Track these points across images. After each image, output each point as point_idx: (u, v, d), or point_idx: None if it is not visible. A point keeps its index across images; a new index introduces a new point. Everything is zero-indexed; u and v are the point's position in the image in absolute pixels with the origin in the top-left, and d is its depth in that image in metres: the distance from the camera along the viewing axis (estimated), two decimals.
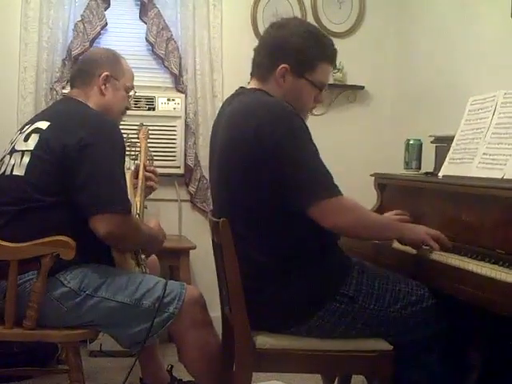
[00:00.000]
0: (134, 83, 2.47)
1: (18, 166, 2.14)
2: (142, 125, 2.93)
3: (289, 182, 1.90)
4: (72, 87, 2.38)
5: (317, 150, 1.94)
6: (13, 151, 2.21)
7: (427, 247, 2.07)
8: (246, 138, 1.93)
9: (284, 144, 1.90)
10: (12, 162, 2.17)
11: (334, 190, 1.91)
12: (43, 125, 2.18)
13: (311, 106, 2.16)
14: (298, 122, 1.95)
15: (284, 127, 1.91)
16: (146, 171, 2.63)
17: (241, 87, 2.16)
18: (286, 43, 2.05)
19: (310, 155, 1.92)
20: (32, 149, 2.14)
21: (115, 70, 2.36)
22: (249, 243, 1.96)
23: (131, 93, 2.44)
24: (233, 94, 2.15)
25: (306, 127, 1.96)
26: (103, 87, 2.32)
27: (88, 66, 2.36)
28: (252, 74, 2.14)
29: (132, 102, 2.47)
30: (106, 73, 2.31)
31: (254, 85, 2.11)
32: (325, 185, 1.90)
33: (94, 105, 2.31)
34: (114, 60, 2.38)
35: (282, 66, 2.04)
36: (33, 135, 2.17)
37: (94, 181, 2.06)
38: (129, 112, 2.51)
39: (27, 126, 2.25)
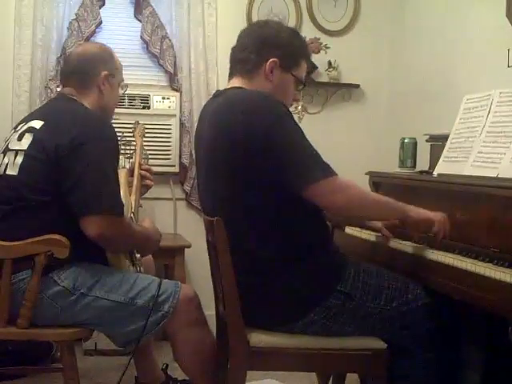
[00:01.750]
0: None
1: (12, 166, 2.13)
2: (137, 122, 2.91)
3: (283, 168, 1.89)
4: (66, 85, 2.32)
5: (304, 134, 1.95)
6: (6, 150, 2.20)
7: (421, 242, 2.08)
8: (233, 131, 1.93)
9: (273, 132, 1.90)
10: (6, 161, 2.16)
11: (329, 170, 1.91)
12: (37, 124, 2.17)
13: (290, 103, 2.19)
14: (283, 109, 1.96)
15: (271, 115, 1.92)
16: (142, 169, 2.62)
17: (217, 90, 2.16)
18: (275, 38, 2.08)
19: (299, 139, 1.93)
20: (25, 148, 2.13)
21: (112, 67, 2.34)
22: (242, 241, 1.96)
23: (124, 89, 2.43)
24: (213, 96, 2.15)
25: (290, 112, 1.98)
26: (103, 87, 2.30)
27: (86, 65, 2.31)
28: (232, 74, 2.12)
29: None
30: (105, 72, 2.29)
31: (235, 83, 2.09)
32: (319, 165, 1.90)
33: (91, 104, 2.28)
34: (110, 57, 2.36)
35: (272, 59, 2.05)
36: (26, 134, 2.16)
37: (86, 181, 2.04)
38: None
39: (21, 125, 2.23)
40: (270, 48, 2.06)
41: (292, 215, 1.93)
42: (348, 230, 2.63)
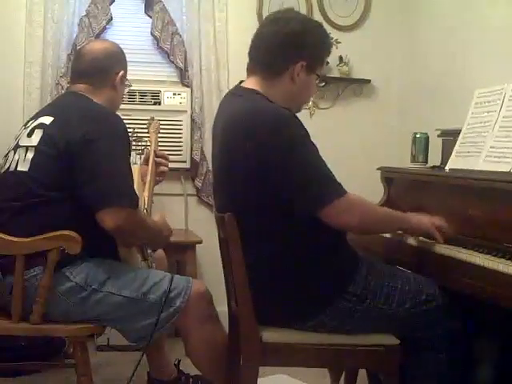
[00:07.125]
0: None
1: (22, 162, 2.14)
2: (152, 118, 2.89)
3: (295, 189, 1.88)
4: (78, 82, 2.30)
5: (317, 151, 1.93)
6: (17, 147, 2.20)
7: (431, 240, 2.07)
8: (245, 148, 1.91)
9: (285, 152, 1.88)
10: (16, 157, 2.17)
11: (340, 190, 1.90)
12: (47, 120, 2.17)
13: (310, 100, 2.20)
14: (296, 128, 1.93)
15: (283, 136, 1.89)
16: (157, 157, 2.64)
17: (240, 84, 2.11)
18: (302, 40, 2.03)
19: (311, 159, 1.91)
20: (36, 144, 2.14)
21: (126, 67, 2.37)
22: (256, 240, 1.95)
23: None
24: (231, 94, 2.12)
25: (304, 129, 1.94)
26: (119, 86, 2.34)
27: (104, 63, 2.31)
28: (252, 72, 2.07)
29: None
30: (122, 71, 2.33)
31: (254, 84, 2.05)
32: (331, 186, 1.90)
33: (103, 100, 2.28)
34: (124, 57, 2.39)
35: (301, 63, 2.02)
36: (36, 131, 2.16)
37: (101, 175, 2.05)
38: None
39: (31, 122, 2.24)
40: (298, 51, 2.02)
41: (305, 217, 1.91)
42: None
